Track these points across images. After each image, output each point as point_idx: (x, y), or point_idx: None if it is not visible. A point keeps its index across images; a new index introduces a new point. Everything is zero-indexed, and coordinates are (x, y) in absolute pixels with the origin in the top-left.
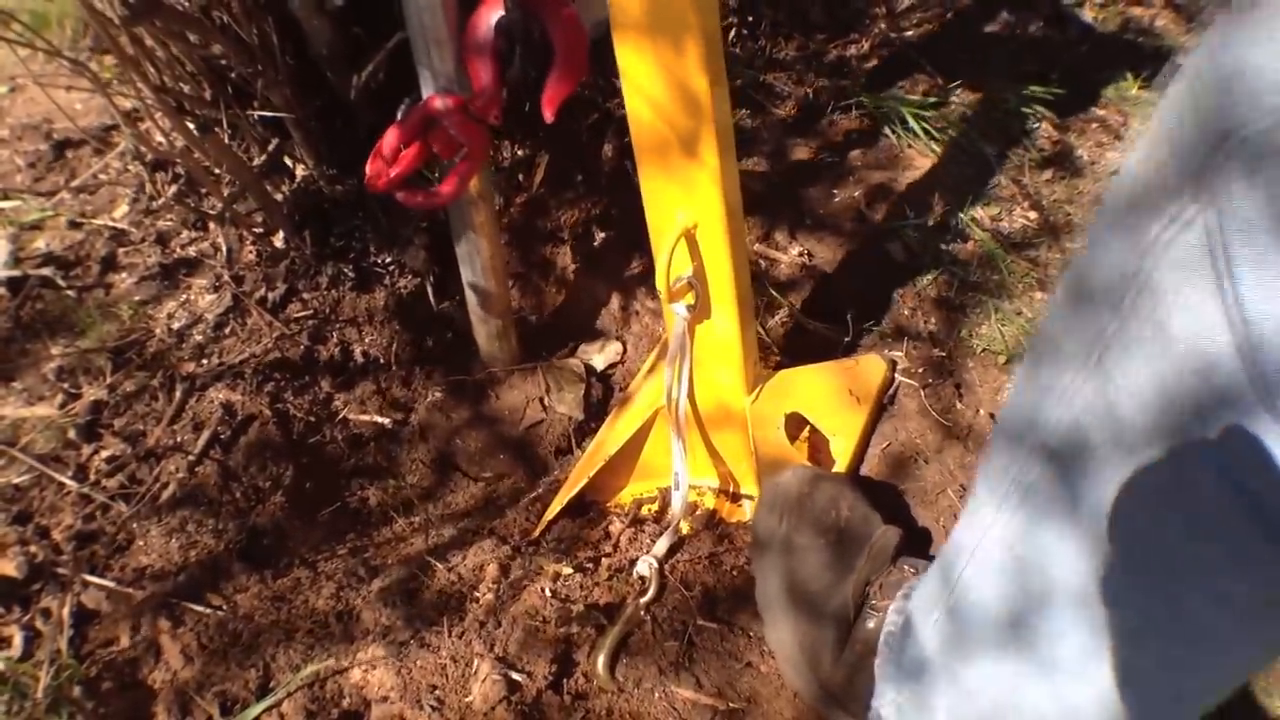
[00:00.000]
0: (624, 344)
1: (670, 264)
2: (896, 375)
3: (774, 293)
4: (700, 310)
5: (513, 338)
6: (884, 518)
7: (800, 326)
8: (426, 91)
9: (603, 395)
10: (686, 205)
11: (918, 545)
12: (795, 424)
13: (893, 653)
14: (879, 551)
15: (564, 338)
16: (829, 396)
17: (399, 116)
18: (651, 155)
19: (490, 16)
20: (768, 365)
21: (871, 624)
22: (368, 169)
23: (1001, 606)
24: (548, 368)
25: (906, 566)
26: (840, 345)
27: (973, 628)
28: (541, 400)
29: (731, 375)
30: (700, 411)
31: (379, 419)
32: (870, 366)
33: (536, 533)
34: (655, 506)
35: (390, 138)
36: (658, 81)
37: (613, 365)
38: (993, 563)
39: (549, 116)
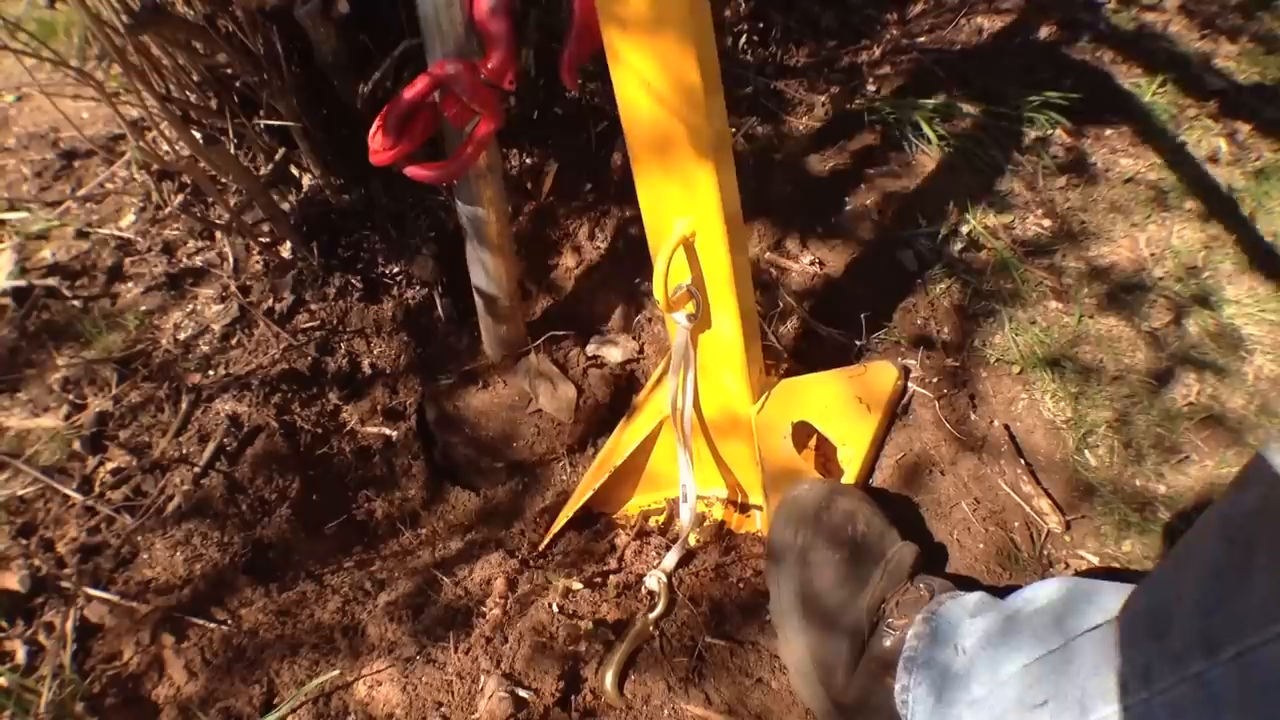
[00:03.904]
0: (636, 347)
1: (668, 273)
2: (911, 384)
3: (788, 299)
4: (702, 319)
5: (520, 321)
6: (900, 531)
7: (813, 333)
8: (431, 58)
9: (625, 385)
10: (684, 212)
11: (934, 559)
12: (803, 432)
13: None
14: (895, 567)
15: (573, 343)
16: (837, 404)
17: (404, 87)
18: (646, 162)
19: None
20: (778, 372)
21: (888, 642)
22: (371, 142)
23: None
24: (530, 371)
25: (922, 586)
26: (853, 351)
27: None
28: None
29: (736, 384)
30: (706, 421)
31: (387, 431)
32: (880, 373)
33: (543, 545)
34: (662, 518)
35: (397, 107)
36: (651, 85)
37: (630, 361)
38: None
39: (568, 80)
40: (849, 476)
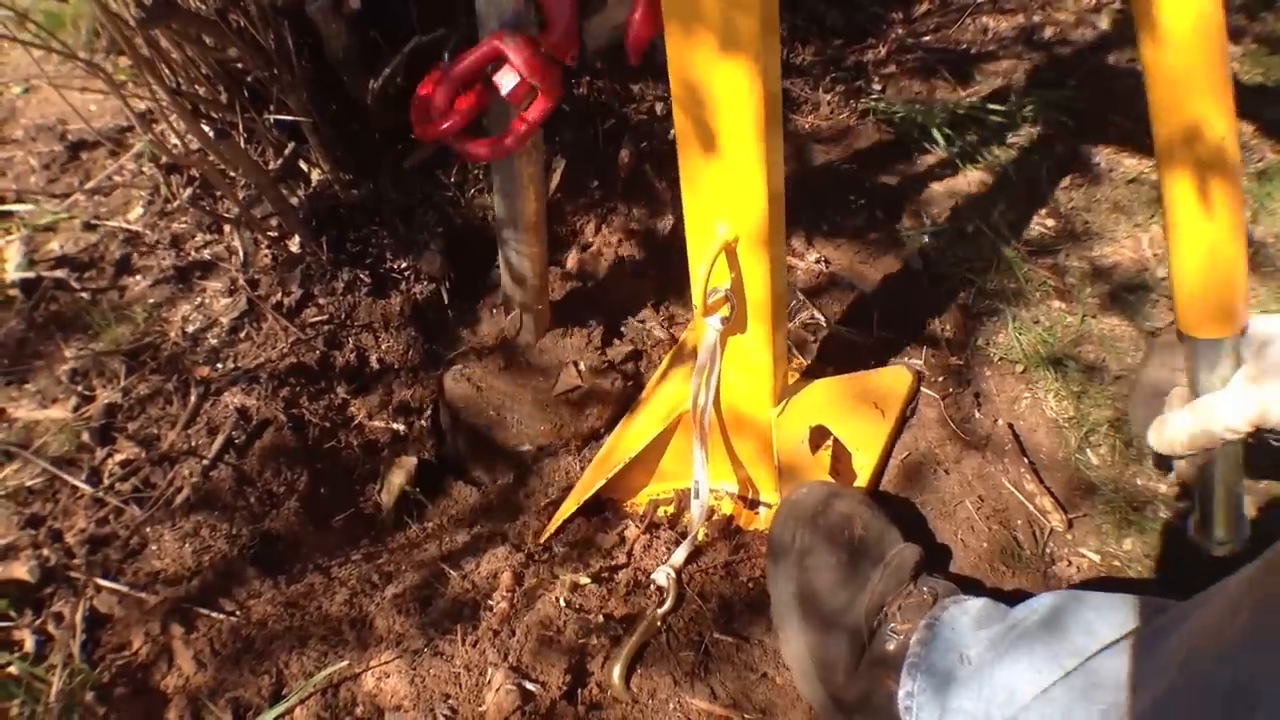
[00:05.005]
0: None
1: (709, 278)
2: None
3: (802, 296)
4: (735, 323)
5: (548, 304)
6: (903, 532)
7: (821, 329)
8: (485, 31)
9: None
10: (728, 217)
11: (937, 558)
12: (819, 435)
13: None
14: (896, 568)
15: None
16: (853, 409)
17: (446, 59)
18: (694, 162)
19: None
20: (792, 368)
21: (891, 646)
22: (414, 117)
23: None
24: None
25: (925, 589)
26: (864, 349)
27: None
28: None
29: (760, 387)
30: (724, 419)
31: (394, 425)
32: (896, 378)
33: (546, 535)
34: (671, 509)
35: (446, 82)
36: (706, 82)
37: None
38: None
39: (634, 59)
40: (861, 481)
